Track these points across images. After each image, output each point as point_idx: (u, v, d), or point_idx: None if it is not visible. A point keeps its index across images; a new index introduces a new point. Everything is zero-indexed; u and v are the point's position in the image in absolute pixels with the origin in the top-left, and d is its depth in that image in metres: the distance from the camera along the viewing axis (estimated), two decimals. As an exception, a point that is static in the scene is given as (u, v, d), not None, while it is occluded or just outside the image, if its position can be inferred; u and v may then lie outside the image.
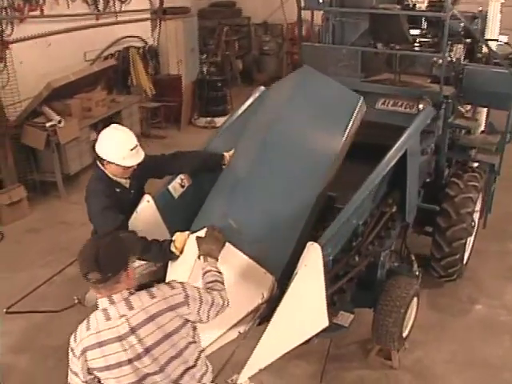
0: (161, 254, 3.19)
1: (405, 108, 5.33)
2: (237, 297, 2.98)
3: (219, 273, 2.73)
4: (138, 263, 3.53)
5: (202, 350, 2.52)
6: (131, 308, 2.27)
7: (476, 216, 5.41)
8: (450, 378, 4.27)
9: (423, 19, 5.60)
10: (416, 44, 5.41)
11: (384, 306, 3.63)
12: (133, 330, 2.25)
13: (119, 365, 2.27)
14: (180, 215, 3.65)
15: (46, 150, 7.18)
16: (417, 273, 4.00)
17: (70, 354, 2.33)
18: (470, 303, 5.14)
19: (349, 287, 3.56)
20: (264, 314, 3.13)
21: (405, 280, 3.78)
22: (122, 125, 8.94)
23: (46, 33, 7.69)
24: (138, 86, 9.74)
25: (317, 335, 3.28)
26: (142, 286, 3.51)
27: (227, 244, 2.97)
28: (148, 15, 10.20)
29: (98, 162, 3.59)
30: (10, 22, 6.89)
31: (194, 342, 2.42)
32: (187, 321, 2.37)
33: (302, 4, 5.41)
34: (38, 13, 7.44)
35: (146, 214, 3.60)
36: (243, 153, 3.71)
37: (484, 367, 4.35)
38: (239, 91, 11.92)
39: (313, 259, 2.87)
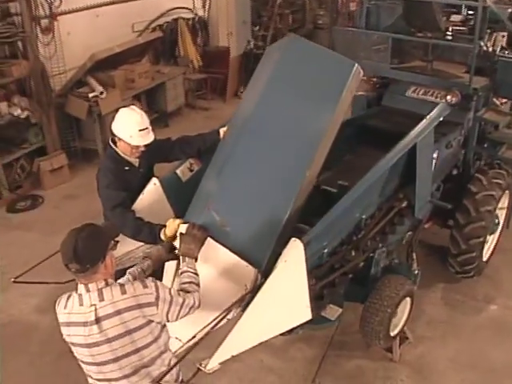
0: (151, 237, 3.33)
1: (435, 98, 5.18)
2: (221, 289, 3.08)
3: (195, 274, 2.82)
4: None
5: (164, 351, 2.61)
6: (102, 299, 2.42)
7: (502, 214, 5.24)
8: (447, 377, 4.25)
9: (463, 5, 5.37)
10: (449, 32, 5.18)
11: (372, 304, 3.63)
12: (97, 321, 2.40)
13: (80, 345, 2.48)
14: (187, 199, 3.72)
15: (88, 119, 7.48)
16: (416, 272, 3.94)
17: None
18: (485, 302, 5.03)
19: (341, 281, 3.57)
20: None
21: (397, 280, 3.75)
22: (166, 96, 9.25)
23: (94, 4, 7.91)
24: (184, 57, 9.86)
25: (301, 327, 3.40)
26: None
27: (209, 240, 3.04)
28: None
29: (111, 141, 3.76)
30: (58, -6, 7.12)
31: (156, 342, 2.53)
32: (151, 321, 2.48)
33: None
34: (86, -16, 7.65)
35: (152, 197, 3.71)
36: (231, 132, 3.58)
37: (486, 370, 4.29)
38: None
39: (294, 255, 2.90)
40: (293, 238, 2.97)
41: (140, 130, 3.60)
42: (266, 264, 3.05)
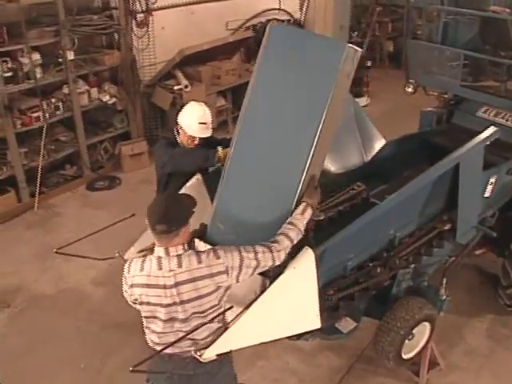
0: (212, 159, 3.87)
1: (506, 120, 4.96)
2: (232, 295, 3.16)
3: (299, 230, 2.86)
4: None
5: (223, 312, 2.84)
6: (180, 266, 2.66)
7: None
8: (472, 412, 4.09)
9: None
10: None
11: (386, 323, 3.56)
12: (176, 285, 2.66)
13: (157, 305, 2.73)
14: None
15: (171, 110, 7.85)
16: (443, 298, 3.80)
17: (123, 279, 2.82)
18: (533, 341, 4.74)
19: (362, 296, 3.55)
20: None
21: (416, 302, 3.65)
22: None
23: (190, 2, 8.29)
24: (275, 58, 10.01)
25: (311, 334, 3.44)
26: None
27: None
28: (296, -11, 10.35)
29: (175, 131, 4.17)
30: (156, -10, 7.57)
31: (217, 305, 2.76)
32: (219, 287, 2.71)
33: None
34: (183, -17, 8.05)
35: (193, 191, 3.89)
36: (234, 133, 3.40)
37: (515, 412, 4.08)
38: (383, 74, 11.65)
39: (304, 263, 2.96)
40: (305, 246, 3.03)
41: (199, 123, 3.99)
42: (272, 271, 3.08)
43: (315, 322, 3.08)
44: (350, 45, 2.82)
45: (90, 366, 4.51)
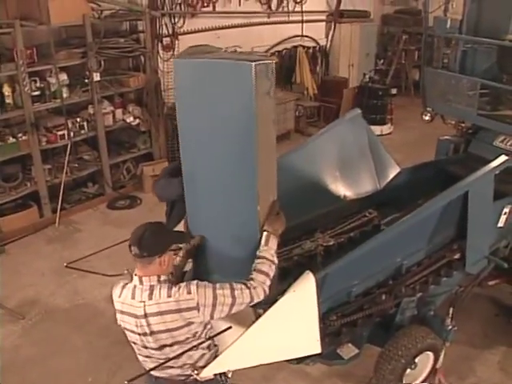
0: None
1: (523, 150, 4.90)
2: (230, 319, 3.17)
3: (271, 262, 2.79)
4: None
5: (203, 342, 2.81)
6: (150, 298, 2.67)
7: None
8: None
9: None
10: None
11: (387, 351, 3.52)
12: (145, 316, 2.68)
13: (131, 331, 2.78)
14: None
15: (193, 132, 8.01)
16: (448, 328, 3.74)
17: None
18: (548, 377, 4.61)
19: (365, 323, 3.53)
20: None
21: (419, 331, 3.60)
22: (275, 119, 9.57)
23: (216, 27, 8.49)
24: (300, 84, 10.15)
25: (312, 359, 3.43)
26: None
27: None
28: (322, 17, 10.48)
29: None
30: (182, 16, 7.77)
31: (194, 337, 2.75)
32: (191, 323, 2.69)
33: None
34: (210, 9, 8.25)
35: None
36: None
37: None
38: (409, 102, 11.63)
39: (304, 287, 2.98)
40: (306, 271, 3.05)
41: None
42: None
43: (315, 347, 3.09)
44: (257, 61, 2.52)
45: (98, 380, 4.56)
